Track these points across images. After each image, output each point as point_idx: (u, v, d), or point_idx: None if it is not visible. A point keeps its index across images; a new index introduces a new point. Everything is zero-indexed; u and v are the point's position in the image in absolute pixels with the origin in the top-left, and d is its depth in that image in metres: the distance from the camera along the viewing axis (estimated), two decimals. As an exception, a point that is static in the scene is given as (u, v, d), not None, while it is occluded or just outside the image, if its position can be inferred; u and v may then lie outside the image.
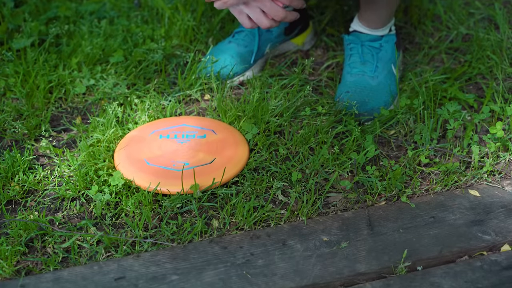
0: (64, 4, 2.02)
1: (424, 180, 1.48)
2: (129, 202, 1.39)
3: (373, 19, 1.68)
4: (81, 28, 1.91)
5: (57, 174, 1.48)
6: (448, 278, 1.25)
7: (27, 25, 1.91)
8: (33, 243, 1.34)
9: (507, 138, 1.54)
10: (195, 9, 1.95)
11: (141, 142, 1.52)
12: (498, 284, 1.24)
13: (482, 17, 1.99)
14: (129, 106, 1.65)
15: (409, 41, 1.88)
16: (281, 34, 1.82)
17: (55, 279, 1.25)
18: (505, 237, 1.34)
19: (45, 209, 1.41)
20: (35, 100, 1.67)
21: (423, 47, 1.87)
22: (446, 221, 1.37)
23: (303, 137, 1.54)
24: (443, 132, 1.59)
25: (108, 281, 1.24)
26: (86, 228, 1.36)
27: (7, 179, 1.46)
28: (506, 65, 1.77)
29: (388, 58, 1.67)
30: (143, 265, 1.28)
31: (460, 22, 1.95)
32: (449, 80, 1.71)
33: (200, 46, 1.88)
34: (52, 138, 1.59)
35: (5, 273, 1.27)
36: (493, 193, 1.44)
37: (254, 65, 1.79)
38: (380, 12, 1.67)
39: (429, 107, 1.61)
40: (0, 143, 1.59)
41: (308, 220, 1.38)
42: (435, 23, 1.96)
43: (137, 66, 1.78)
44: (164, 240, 1.34)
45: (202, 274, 1.26)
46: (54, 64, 1.77)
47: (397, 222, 1.37)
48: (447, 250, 1.31)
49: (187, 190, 1.41)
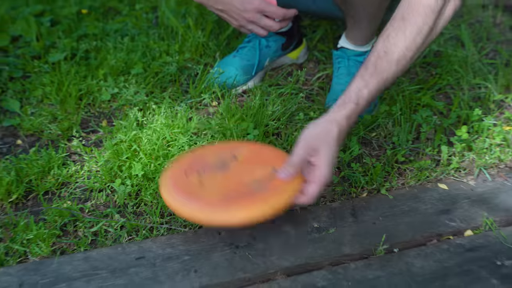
0: (92, 23, 2.04)
1: (401, 175, 1.50)
2: (147, 193, 1.41)
3: (358, 37, 1.69)
4: (107, 44, 1.91)
5: (86, 169, 1.50)
6: (420, 258, 1.27)
7: (61, 42, 1.92)
8: (66, 227, 1.36)
9: (471, 139, 1.55)
10: (205, 27, 1.96)
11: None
12: (462, 264, 1.26)
13: (451, 36, 2.00)
14: (148, 111, 1.65)
15: (389, 55, 1.90)
16: (279, 50, 1.83)
17: (85, 258, 1.27)
18: (469, 223, 1.36)
19: (76, 199, 1.43)
20: (67, 106, 1.68)
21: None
22: (419, 210, 1.39)
23: (297, 138, 1.56)
24: (417, 134, 1.61)
25: (130, 260, 1.26)
26: (111, 215, 1.38)
27: (44, 173, 1.47)
28: (470, 77, 1.78)
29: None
30: (160, 247, 1.29)
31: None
32: (422, 90, 1.73)
33: (209, 59, 1.88)
34: (82, 138, 1.59)
35: (43, 252, 1.29)
36: (459, 186, 1.46)
37: (255, 76, 1.80)
38: (364, 31, 1.68)
39: (405, 113, 1.63)
40: (38, 142, 1.60)
41: (301, 209, 1.39)
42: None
43: (155, 76, 1.79)
44: (177, 226, 1.36)
45: (210, 255, 1.27)
46: (83, 75, 1.78)
47: (377, 211, 1.39)
48: (419, 235, 1.33)
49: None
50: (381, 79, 1.20)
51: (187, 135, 1.56)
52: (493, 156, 1.53)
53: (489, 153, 1.54)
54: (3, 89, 1.79)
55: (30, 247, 1.30)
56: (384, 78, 1.20)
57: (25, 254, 1.30)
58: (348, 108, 1.18)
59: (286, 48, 1.86)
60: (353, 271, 1.26)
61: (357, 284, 1.23)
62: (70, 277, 1.23)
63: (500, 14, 2.13)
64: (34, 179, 1.46)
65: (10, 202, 1.42)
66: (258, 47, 1.79)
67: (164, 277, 1.23)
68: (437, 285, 1.23)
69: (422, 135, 1.58)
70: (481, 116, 1.61)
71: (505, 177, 1.50)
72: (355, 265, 1.27)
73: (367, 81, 1.19)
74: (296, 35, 1.86)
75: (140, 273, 1.24)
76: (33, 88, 1.76)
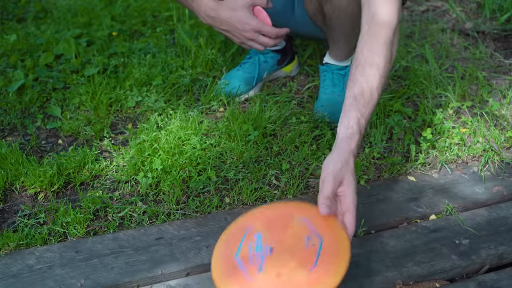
0: (120, 43, 2.04)
1: (377, 169, 1.49)
2: (165, 184, 1.40)
3: (338, 55, 1.69)
4: (132, 61, 1.91)
5: (114, 164, 1.49)
6: (393, 238, 1.27)
7: (95, 59, 1.92)
8: (98, 213, 1.36)
9: (434, 140, 1.55)
10: (213, 46, 1.96)
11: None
12: (427, 243, 1.26)
13: (417, 54, 2.00)
14: (166, 115, 1.65)
15: (366, 70, 1.90)
16: (275, 65, 1.83)
17: (113, 238, 1.27)
18: (432, 209, 1.36)
19: (106, 189, 1.42)
20: (99, 111, 1.68)
21: (376, 74, 1.87)
22: (392, 198, 1.38)
23: (290, 138, 1.55)
24: (390, 135, 1.60)
25: (151, 240, 1.26)
26: (135, 203, 1.38)
27: (80, 167, 1.47)
28: (433, 88, 1.77)
29: (351, 82, 1.68)
30: (176, 229, 1.29)
31: (401, 57, 1.95)
32: (394, 98, 1.72)
33: (217, 73, 1.88)
34: (111, 139, 1.59)
35: (79, 233, 1.29)
36: (425, 178, 1.45)
37: (255, 86, 1.79)
38: (343, 50, 1.67)
39: (380, 117, 1.62)
40: (76, 142, 1.60)
41: (293, 198, 1.38)
42: (384, 57, 1.96)
43: (172, 87, 1.78)
44: (190, 212, 1.35)
45: (217, 236, 1.22)
46: (113, 86, 1.78)
47: (357, 199, 1.37)
48: (392, 219, 1.33)
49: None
50: (372, 107, 1.17)
51: (198, 136, 1.55)
52: (452, 153, 1.52)
53: (449, 151, 1.53)
54: (48, 97, 1.79)
55: (69, 229, 1.30)
56: (372, 105, 1.17)
57: (64, 235, 1.30)
58: (356, 138, 1.14)
59: (281, 63, 1.85)
60: (337, 249, 1.24)
61: (341, 260, 1.20)
62: (101, 253, 1.23)
63: (456, 37, 2.15)
64: (72, 172, 1.46)
65: (52, 191, 1.42)
66: (258, 63, 1.79)
67: (179, 254, 1.23)
68: (407, 260, 1.22)
69: (394, 136, 1.58)
70: (442, 120, 1.62)
71: (462, 170, 1.49)
72: (338, 244, 1.25)
73: (362, 112, 1.15)
74: (289, 53, 1.86)
75: (159, 251, 1.24)
76: (72, 97, 1.75)
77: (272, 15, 1.44)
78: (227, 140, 1.54)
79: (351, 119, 1.15)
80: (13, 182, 1.43)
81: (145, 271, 1.19)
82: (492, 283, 1.16)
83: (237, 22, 1.41)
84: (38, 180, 1.41)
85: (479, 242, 1.26)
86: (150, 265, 1.20)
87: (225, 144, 1.53)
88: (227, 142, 1.53)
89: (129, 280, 1.17)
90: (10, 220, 1.35)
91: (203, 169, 1.46)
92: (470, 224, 1.31)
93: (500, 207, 1.36)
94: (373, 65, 1.18)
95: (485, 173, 1.47)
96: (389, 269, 1.19)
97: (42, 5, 2.46)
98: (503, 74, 1.90)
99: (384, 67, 1.18)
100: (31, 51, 2.02)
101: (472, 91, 1.79)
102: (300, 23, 1.67)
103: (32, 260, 1.22)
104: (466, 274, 1.21)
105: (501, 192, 1.41)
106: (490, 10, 2.30)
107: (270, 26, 1.42)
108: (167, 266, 1.20)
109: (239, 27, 1.41)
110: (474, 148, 1.53)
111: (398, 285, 1.16)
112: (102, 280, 1.17)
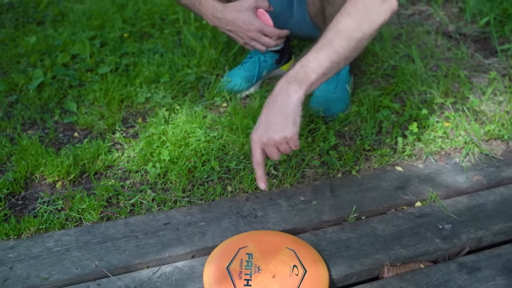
0: (131, 44, 2.03)
1: (367, 160, 1.49)
2: (172, 173, 1.40)
3: None
4: (142, 60, 1.91)
5: (126, 155, 1.49)
6: (381, 223, 1.27)
7: (107, 58, 1.92)
8: (111, 200, 1.35)
9: (420, 133, 1.54)
10: (217, 47, 1.95)
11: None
12: (413, 227, 1.26)
13: (404, 54, 1.98)
14: (173, 110, 1.65)
15: (357, 69, 1.89)
16: (273, 64, 1.82)
17: (125, 223, 1.27)
18: (418, 197, 1.35)
19: (118, 178, 1.42)
20: (112, 107, 1.67)
21: (366, 73, 1.87)
22: (381, 187, 1.38)
23: None
24: (379, 129, 1.59)
25: (159, 225, 1.26)
26: (145, 191, 1.37)
27: (94, 158, 1.47)
28: (419, 85, 1.76)
29: (344, 80, 1.67)
30: (182, 215, 1.29)
31: (390, 57, 1.94)
32: (383, 95, 1.71)
33: (220, 71, 1.87)
34: (123, 132, 1.59)
35: (94, 218, 1.29)
36: (411, 169, 1.45)
37: (255, 84, 1.78)
38: None
39: (370, 112, 1.62)
40: (90, 135, 1.59)
41: (290, 186, 1.38)
42: (374, 57, 1.96)
43: (178, 84, 1.78)
44: (195, 199, 1.35)
45: (220, 221, 1.27)
46: (124, 83, 1.77)
47: (349, 188, 1.37)
48: (381, 206, 1.32)
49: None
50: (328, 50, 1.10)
51: (203, 129, 1.55)
52: (436, 145, 1.51)
53: (433, 143, 1.52)
54: (64, 94, 1.78)
55: (84, 215, 1.30)
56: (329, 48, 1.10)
57: (80, 220, 1.30)
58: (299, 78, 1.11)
59: (279, 62, 1.84)
60: (330, 233, 1.25)
61: (333, 244, 1.22)
62: (114, 237, 1.23)
63: (440, 38, 2.14)
64: (87, 163, 1.45)
65: (69, 180, 1.42)
66: (258, 62, 1.78)
67: (185, 238, 1.23)
68: (395, 243, 1.22)
69: (383, 129, 1.57)
70: (427, 115, 1.61)
71: (445, 161, 1.48)
72: (332, 229, 1.26)
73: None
74: (286, 53, 1.85)
75: (167, 235, 1.24)
76: (86, 93, 1.75)
77: (272, 17, 1.44)
78: (229, 133, 1.54)
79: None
80: (33, 172, 1.43)
81: (154, 253, 1.19)
82: (471, 264, 1.16)
83: (242, 23, 1.40)
84: (56, 170, 1.41)
85: (460, 227, 1.26)
86: (159, 248, 1.20)
87: (227, 137, 1.52)
88: (229, 134, 1.53)
89: (139, 262, 1.17)
90: (30, 206, 1.35)
91: (207, 159, 1.45)
92: (452, 210, 1.31)
93: (479, 194, 1.36)
94: (348, 19, 1.11)
95: (466, 163, 1.47)
96: (378, 251, 1.19)
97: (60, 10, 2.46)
98: (483, 73, 1.89)
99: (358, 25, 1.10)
100: (50, 52, 2.01)
101: (454, 88, 1.78)
102: (298, 25, 1.66)
103: (51, 243, 1.22)
104: (448, 256, 1.22)
105: (480, 181, 1.41)
106: (471, 14, 2.30)
107: (272, 27, 1.42)
108: (174, 249, 1.20)
109: (244, 27, 1.41)
110: (456, 141, 1.52)
111: (386, 266, 1.16)
112: (115, 262, 1.17)
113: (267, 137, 1.08)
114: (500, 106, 1.68)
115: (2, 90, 1.79)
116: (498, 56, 2.00)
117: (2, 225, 1.25)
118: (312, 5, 1.52)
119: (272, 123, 1.07)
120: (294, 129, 1.07)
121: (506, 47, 2.03)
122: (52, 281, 1.13)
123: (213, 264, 1.11)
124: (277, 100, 1.08)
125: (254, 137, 1.10)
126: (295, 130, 1.07)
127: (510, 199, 1.34)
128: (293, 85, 1.09)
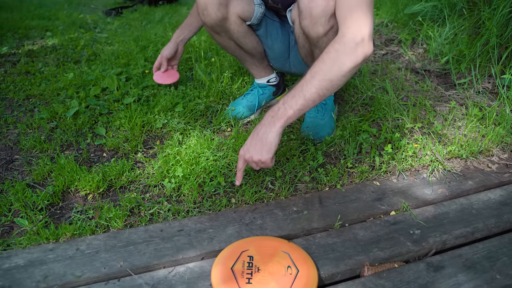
0: (151, 79, 2.03)
1: (350, 176, 1.48)
2: (185, 187, 1.39)
3: None
4: (160, 92, 1.91)
5: (146, 172, 1.48)
6: (362, 229, 1.26)
7: (131, 91, 1.93)
8: (133, 210, 1.34)
9: (394, 153, 1.54)
10: (222, 81, 1.96)
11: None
12: (388, 233, 1.25)
13: (379, 87, 2.00)
14: (186, 134, 1.65)
15: (341, 99, 1.90)
16: (271, 95, 1.82)
17: (145, 230, 1.26)
18: (392, 207, 1.34)
19: (140, 191, 1.41)
20: (135, 131, 1.67)
21: (348, 102, 1.88)
22: (361, 198, 1.37)
23: (282, 152, 1.54)
24: (359, 149, 1.59)
25: (174, 231, 1.25)
26: (162, 202, 1.36)
27: (119, 175, 1.46)
28: (393, 113, 1.77)
29: (330, 108, 1.67)
30: (193, 223, 1.28)
31: (368, 89, 1.96)
32: (363, 121, 1.72)
33: (225, 101, 1.88)
34: (144, 152, 1.59)
35: (119, 225, 1.28)
36: (386, 183, 1.44)
37: (255, 112, 1.79)
38: None
39: (352, 135, 1.62)
40: (116, 155, 1.59)
41: (285, 198, 1.37)
42: (354, 89, 1.97)
43: (190, 112, 1.78)
44: (205, 210, 1.34)
45: (226, 228, 1.26)
46: (145, 111, 1.78)
47: (335, 199, 1.37)
48: (361, 214, 1.31)
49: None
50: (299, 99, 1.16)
51: (211, 150, 1.54)
52: (407, 163, 1.51)
53: (405, 162, 1.52)
54: (95, 120, 1.79)
55: (111, 222, 1.29)
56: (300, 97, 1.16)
57: (107, 227, 1.29)
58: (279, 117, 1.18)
59: (276, 94, 1.85)
60: (319, 239, 1.23)
61: (322, 247, 1.20)
62: (136, 242, 1.22)
63: (409, 74, 2.16)
64: (113, 178, 1.45)
65: (98, 193, 1.41)
66: (257, 94, 1.79)
67: (196, 243, 1.22)
68: (373, 246, 1.21)
69: (363, 150, 1.57)
70: (399, 138, 1.61)
71: (414, 177, 1.48)
72: (320, 235, 1.25)
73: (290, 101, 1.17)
74: (281, 86, 1.86)
75: (180, 240, 1.23)
76: (114, 120, 1.75)
77: (273, 59, 1.44)
78: (233, 153, 1.53)
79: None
80: (69, 186, 1.43)
81: (170, 255, 1.17)
82: (437, 263, 1.15)
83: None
84: (88, 185, 1.40)
85: (427, 232, 1.25)
86: (174, 251, 1.19)
87: (231, 156, 1.52)
88: (233, 154, 1.53)
89: (157, 263, 1.16)
90: (67, 215, 1.34)
91: (214, 176, 1.45)
92: (421, 218, 1.30)
93: (443, 204, 1.35)
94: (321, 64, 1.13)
95: (432, 178, 1.46)
96: (359, 253, 1.18)
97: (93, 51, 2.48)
98: (445, 102, 1.90)
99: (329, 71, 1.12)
100: (84, 85, 2.03)
101: (421, 115, 1.78)
102: (293, 64, 1.67)
103: (84, 246, 1.21)
104: (418, 257, 1.20)
105: (444, 193, 1.40)
106: (434, 54, 2.32)
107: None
108: (186, 252, 1.18)
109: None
110: (424, 159, 1.52)
111: (366, 265, 1.15)
112: (137, 262, 1.16)
113: (248, 155, 1.21)
114: (459, 130, 1.68)
115: (45, 118, 1.79)
116: (457, 89, 2.01)
117: (43, 230, 1.25)
118: (303, 48, 1.53)
119: (254, 147, 1.19)
120: (268, 155, 1.18)
121: (462, 81, 2.04)
122: (84, 278, 1.12)
123: (220, 265, 1.10)
124: (261, 130, 1.19)
125: (241, 152, 1.23)
126: (269, 156, 1.18)
127: (468, 208, 1.33)
128: (274, 119, 1.18)
